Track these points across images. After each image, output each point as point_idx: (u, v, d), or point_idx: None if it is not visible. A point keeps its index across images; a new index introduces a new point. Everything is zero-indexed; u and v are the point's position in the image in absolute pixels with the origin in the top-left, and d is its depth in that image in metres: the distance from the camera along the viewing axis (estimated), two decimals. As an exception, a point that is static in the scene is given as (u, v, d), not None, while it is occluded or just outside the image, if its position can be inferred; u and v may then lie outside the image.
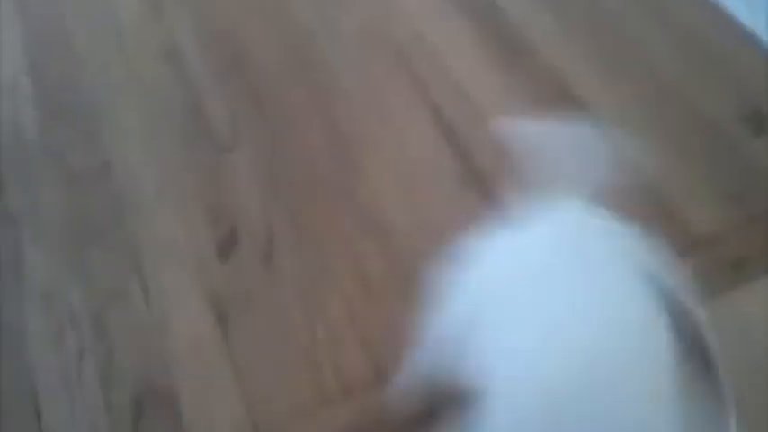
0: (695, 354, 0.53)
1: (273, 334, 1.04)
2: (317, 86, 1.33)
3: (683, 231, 1.06)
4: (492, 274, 0.56)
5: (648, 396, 0.49)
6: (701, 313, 0.56)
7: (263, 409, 0.97)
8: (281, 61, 1.39)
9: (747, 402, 0.59)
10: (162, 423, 0.97)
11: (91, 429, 0.97)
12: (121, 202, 1.20)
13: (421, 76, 1.31)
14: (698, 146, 1.16)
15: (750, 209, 1.08)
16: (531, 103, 1.22)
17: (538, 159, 0.64)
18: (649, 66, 1.28)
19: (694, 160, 1.14)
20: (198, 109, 1.32)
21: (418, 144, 1.22)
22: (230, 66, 1.39)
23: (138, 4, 1.54)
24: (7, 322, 1.07)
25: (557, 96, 1.24)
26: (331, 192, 1.18)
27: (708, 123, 1.19)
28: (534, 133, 0.67)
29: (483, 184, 1.15)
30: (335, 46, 1.39)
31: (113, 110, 1.35)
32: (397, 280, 1.07)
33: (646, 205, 0.99)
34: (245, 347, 1.03)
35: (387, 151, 1.22)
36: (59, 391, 1.01)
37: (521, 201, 0.63)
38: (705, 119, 1.20)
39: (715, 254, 1.04)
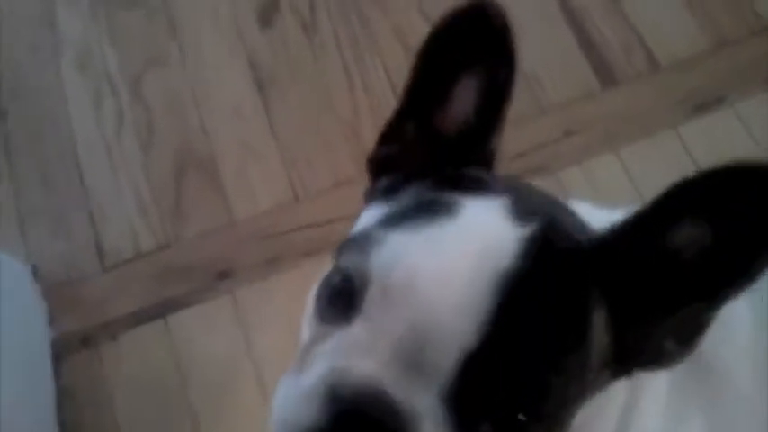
0: None
1: (315, 103, 1.01)
2: None
3: None
4: None
5: None
6: None
7: (304, 178, 0.96)
8: None
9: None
10: (203, 188, 0.96)
11: (133, 191, 0.97)
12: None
13: None
14: None
15: None
16: None
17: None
18: None
19: None
20: None
21: None
22: None
23: None
24: (47, 88, 1.05)
25: None
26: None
27: None
28: None
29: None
30: None
31: None
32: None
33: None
34: (286, 116, 1.00)
35: None
36: (100, 156, 1.00)
37: None
38: None
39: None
